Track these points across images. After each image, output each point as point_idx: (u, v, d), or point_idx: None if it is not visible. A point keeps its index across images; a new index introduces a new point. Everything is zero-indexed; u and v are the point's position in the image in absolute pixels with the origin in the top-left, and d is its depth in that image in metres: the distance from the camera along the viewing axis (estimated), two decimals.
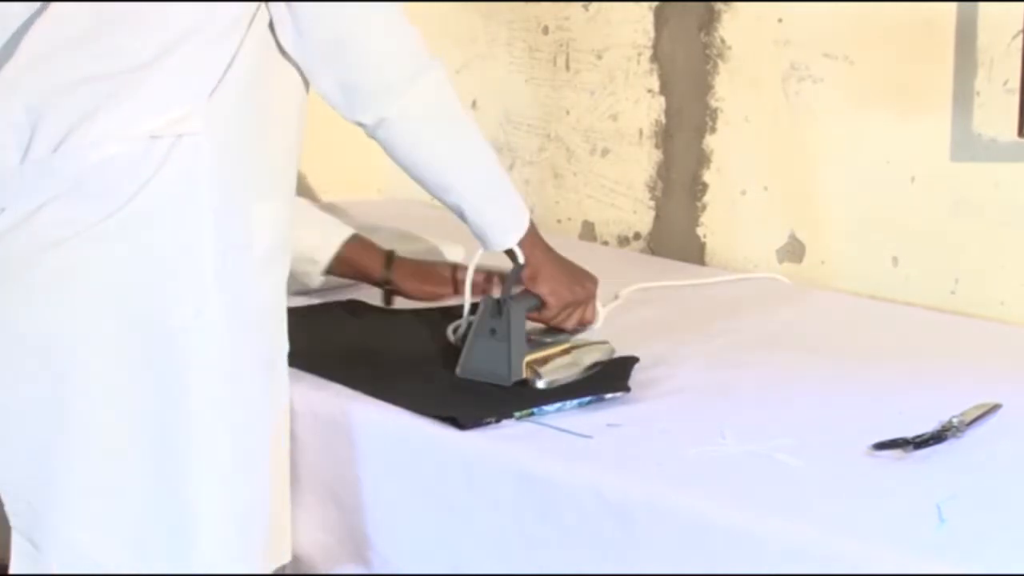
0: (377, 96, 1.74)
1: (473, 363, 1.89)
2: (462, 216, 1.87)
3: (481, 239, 1.90)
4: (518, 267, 1.91)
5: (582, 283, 1.99)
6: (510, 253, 1.91)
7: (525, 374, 1.87)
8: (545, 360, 1.90)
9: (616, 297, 2.30)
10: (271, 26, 1.69)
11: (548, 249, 1.94)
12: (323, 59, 1.71)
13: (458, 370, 1.90)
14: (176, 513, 1.66)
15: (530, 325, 1.95)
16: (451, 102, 1.81)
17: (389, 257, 2.16)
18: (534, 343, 1.93)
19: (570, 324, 1.99)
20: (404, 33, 1.75)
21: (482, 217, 1.87)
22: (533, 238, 1.91)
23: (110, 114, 1.63)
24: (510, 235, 1.89)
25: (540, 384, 1.86)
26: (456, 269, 2.13)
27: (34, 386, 1.65)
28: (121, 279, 1.63)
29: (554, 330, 1.98)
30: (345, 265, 2.16)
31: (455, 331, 2.02)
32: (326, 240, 2.15)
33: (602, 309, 2.14)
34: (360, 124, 1.77)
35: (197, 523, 1.67)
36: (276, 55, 1.71)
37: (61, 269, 1.63)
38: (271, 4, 1.68)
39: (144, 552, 1.67)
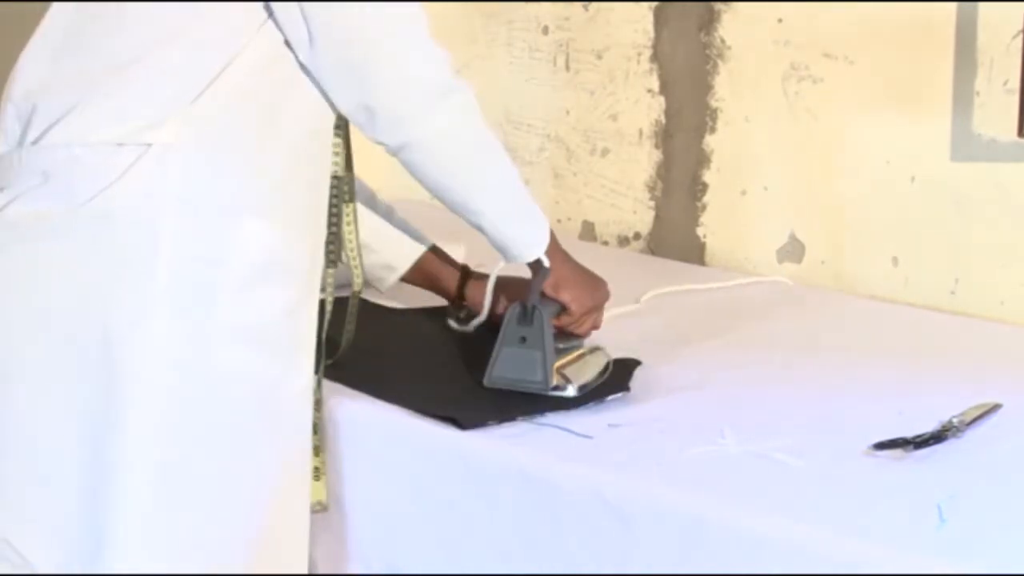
0: (398, 122, 1.70)
1: (503, 372, 1.85)
2: (481, 232, 1.84)
3: (503, 252, 1.87)
4: (544, 274, 1.88)
5: (599, 289, 1.97)
6: (535, 262, 1.88)
7: (555, 380, 1.84)
8: (568, 365, 1.88)
9: (637, 302, 2.29)
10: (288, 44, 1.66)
11: (567, 256, 1.92)
12: (342, 82, 1.67)
13: (485, 380, 1.86)
14: (101, 518, 1.63)
15: None
16: (474, 126, 1.77)
17: (465, 272, 2.14)
18: (558, 350, 1.89)
19: (584, 329, 1.96)
20: (427, 57, 1.70)
21: (504, 235, 1.84)
22: (554, 246, 1.88)
23: (80, 115, 1.62)
24: (533, 249, 1.86)
25: (570, 391, 1.83)
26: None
27: None
28: (71, 279, 1.62)
29: (565, 336, 1.94)
30: (421, 275, 2.14)
31: (459, 320, 2.05)
32: (405, 249, 2.12)
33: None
34: (382, 144, 1.73)
35: (117, 529, 1.63)
36: (292, 73, 1.67)
37: (15, 263, 1.64)
38: (287, 25, 1.64)
39: (71, 554, 1.65)
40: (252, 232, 1.66)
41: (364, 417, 1.85)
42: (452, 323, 2.04)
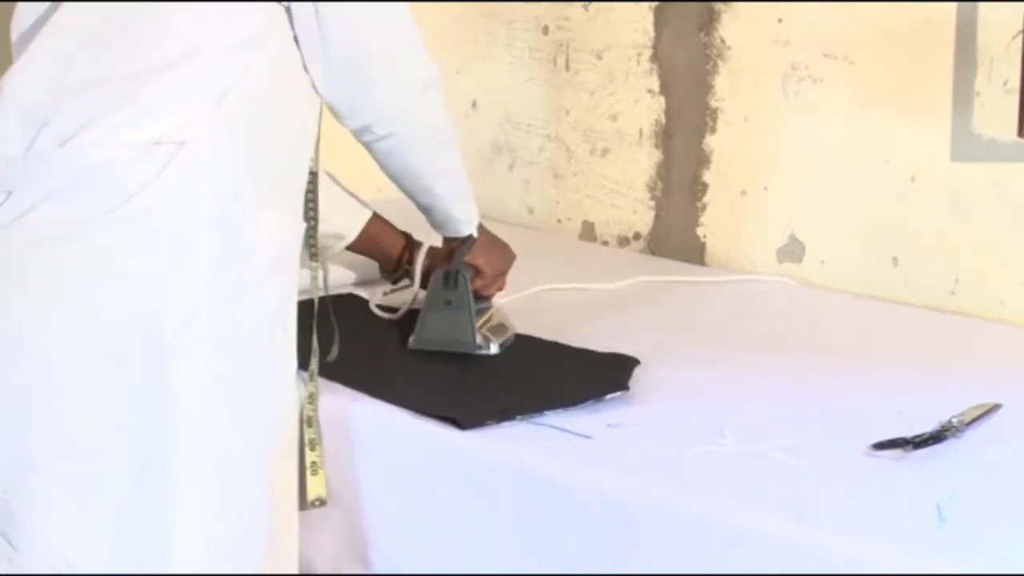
0: (389, 114, 1.79)
1: (430, 334, 1.98)
2: (428, 211, 1.99)
3: (442, 229, 2.04)
4: (471, 244, 2.03)
5: (508, 253, 2.12)
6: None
7: (479, 340, 1.98)
8: (484, 325, 2.02)
9: (613, 283, 2.34)
10: (296, 40, 1.69)
11: (482, 224, 2.07)
12: (340, 77, 1.72)
13: (411, 343, 1.98)
14: (152, 520, 1.64)
15: None
16: (444, 113, 1.88)
17: (408, 239, 2.23)
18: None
19: (493, 291, 2.11)
20: (415, 47, 1.79)
21: (452, 214, 2.00)
22: None
23: (115, 117, 1.62)
24: (472, 224, 2.04)
25: (493, 348, 1.98)
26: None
27: (13, 380, 1.64)
28: (110, 280, 1.62)
29: (476, 298, 2.05)
30: (368, 242, 2.23)
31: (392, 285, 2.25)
32: (353, 216, 2.21)
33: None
34: (363, 133, 1.80)
35: (172, 531, 1.64)
36: (295, 69, 1.71)
37: (52, 265, 1.62)
38: (300, 24, 1.68)
39: (118, 556, 1.65)
40: (270, 225, 1.69)
41: (364, 417, 1.85)
42: (378, 303, 2.20)
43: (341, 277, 2.29)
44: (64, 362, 1.63)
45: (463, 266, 2.02)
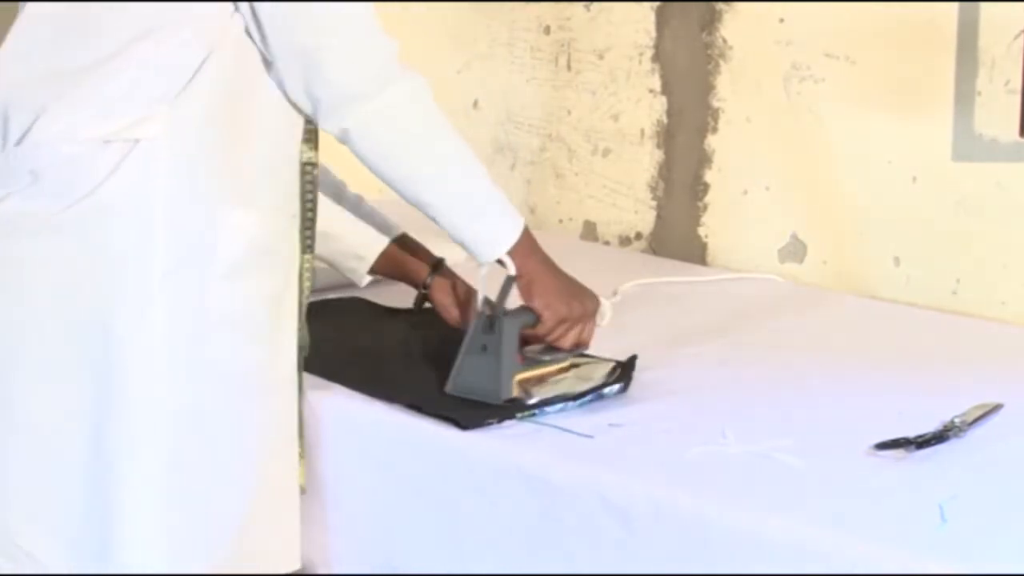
0: (337, 107, 1.70)
1: (463, 380, 1.82)
2: (441, 227, 1.80)
3: (467, 250, 1.83)
4: (509, 279, 1.81)
5: (581, 300, 1.86)
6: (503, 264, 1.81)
7: (515, 392, 1.80)
8: (540, 379, 1.84)
9: (615, 293, 2.31)
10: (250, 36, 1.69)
11: (546, 260, 1.84)
12: (288, 69, 1.69)
13: (448, 387, 1.84)
14: (107, 515, 1.65)
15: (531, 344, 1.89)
16: (420, 116, 1.75)
17: (437, 264, 2.09)
18: (530, 361, 1.85)
19: (566, 343, 1.87)
20: (370, 45, 1.71)
21: (459, 230, 1.79)
22: (527, 249, 1.81)
23: (66, 113, 1.64)
24: (494, 248, 1.79)
25: (531, 401, 1.80)
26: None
27: None
28: (67, 276, 1.64)
29: (553, 348, 1.88)
30: (390, 264, 2.10)
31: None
32: (373, 238, 2.09)
33: (608, 303, 2.08)
34: (331, 131, 1.73)
35: (123, 529, 1.65)
36: (257, 65, 1.70)
37: (10, 261, 1.65)
38: (246, 16, 1.67)
39: (79, 552, 1.66)
40: (237, 221, 1.69)
41: (364, 417, 1.85)
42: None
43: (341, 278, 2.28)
44: (25, 358, 1.66)
45: (516, 309, 1.83)
